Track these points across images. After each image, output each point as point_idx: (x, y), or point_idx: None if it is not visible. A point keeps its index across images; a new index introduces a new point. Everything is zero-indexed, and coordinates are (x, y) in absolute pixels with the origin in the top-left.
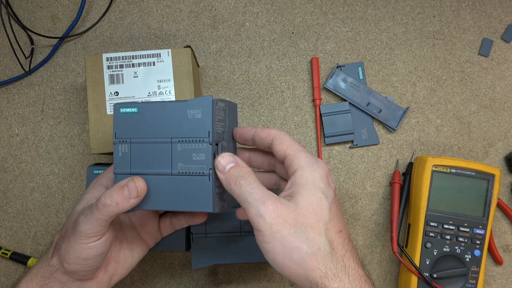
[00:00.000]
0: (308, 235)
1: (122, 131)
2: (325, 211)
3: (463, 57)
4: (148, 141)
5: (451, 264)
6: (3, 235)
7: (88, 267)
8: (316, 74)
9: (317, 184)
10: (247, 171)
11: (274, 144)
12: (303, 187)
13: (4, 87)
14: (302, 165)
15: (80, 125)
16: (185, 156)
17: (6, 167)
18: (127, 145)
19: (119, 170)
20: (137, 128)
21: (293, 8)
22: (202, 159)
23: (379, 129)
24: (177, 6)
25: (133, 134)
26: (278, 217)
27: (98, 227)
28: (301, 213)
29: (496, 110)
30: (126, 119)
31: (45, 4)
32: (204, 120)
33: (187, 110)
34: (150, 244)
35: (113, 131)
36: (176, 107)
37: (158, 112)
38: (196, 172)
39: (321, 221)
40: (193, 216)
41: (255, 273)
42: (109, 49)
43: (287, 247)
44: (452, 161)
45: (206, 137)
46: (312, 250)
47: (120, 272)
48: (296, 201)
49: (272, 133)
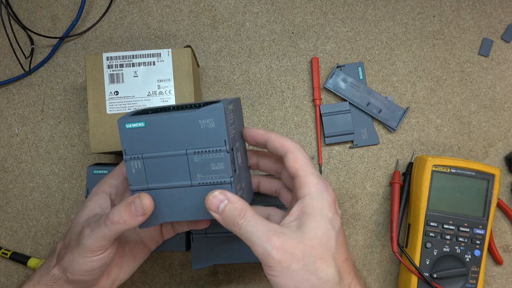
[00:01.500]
0: (318, 267)
1: (131, 147)
2: (332, 241)
3: (463, 57)
4: (162, 155)
5: (451, 264)
6: (3, 235)
7: (92, 276)
8: (316, 74)
9: (325, 213)
10: (242, 207)
11: (287, 158)
12: (310, 217)
13: (4, 87)
14: (312, 193)
15: (80, 125)
16: (203, 167)
17: (6, 167)
18: (139, 161)
19: (136, 187)
20: (147, 142)
21: (293, 8)
22: (221, 168)
23: (379, 129)
24: (177, 6)
25: (144, 149)
26: (286, 253)
27: (104, 242)
28: (309, 244)
29: (496, 110)
30: (133, 134)
31: (45, 4)
32: (218, 129)
33: (199, 120)
34: (151, 248)
35: (122, 147)
36: (186, 119)
37: (167, 125)
38: (216, 181)
39: (329, 251)
40: (196, 221)
41: (255, 273)
42: (109, 49)
43: (297, 281)
44: (452, 161)
45: (222, 146)
46: (322, 282)
47: (122, 276)
48: (303, 232)
49: (286, 146)
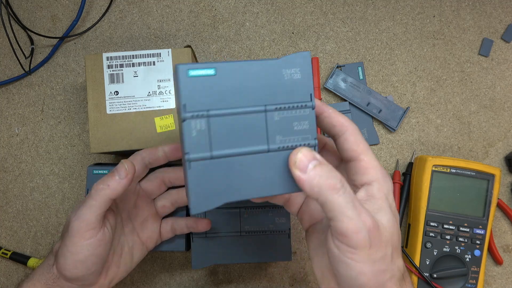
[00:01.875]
0: (393, 258)
1: (195, 101)
2: (399, 231)
3: (463, 57)
4: (234, 112)
5: (451, 264)
6: (3, 235)
7: (87, 270)
8: (316, 74)
9: (391, 203)
10: (336, 171)
11: (347, 140)
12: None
13: (4, 87)
14: (379, 179)
15: (80, 125)
16: (285, 127)
17: (6, 167)
18: (203, 120)
19: (194, 155)
20: (215, 95)
21: (293, 8)
22: (306, 127)
23: (379, 129)
24: (177, 6)
25: (211, 104)
26: (376, 238)
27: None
28: (390, 232)
29: (496, 110)
30: (198, 85)
31: (45, 4)
32: (304, 80)
33: (282, 70)
34: (149, 248)
35: (181, 102)
36: (267, 67)
37: (244, 74)
38: (300, 144)
39: (399, 242)
40: (196, 223)
41: (255, 273)
42: (109, 49)
43: (377, 269)
44: (452, 161)
45: (308, 100)
46: (394, 272)
47: (119, 275)
48: (383, 219)
49: (346, 126)
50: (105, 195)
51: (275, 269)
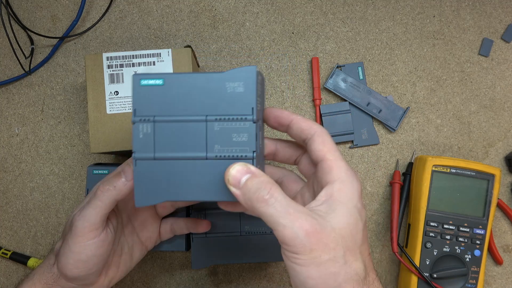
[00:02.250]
0: (347, 260)
1: (143, 107)
2: (360, 234)
3: (463, 57)
4: (177, 119)
5: (451, 264)
6: (3, 235)
7: (89, 270)
8: (316, 74)
9: (355, 202)
10: (269, 181)
11: (314, 141)
12: (341, 205)
13: (4, 87)
14: (343, 178)
15: (80, 125)
16: (224, 137)
17: (6, 167)
18: (149, 124)
19: (140, 155)
20: (162, 103)
21: (293, 8)
22: (244, 140)
23: (379, 129)
24: (177, 6)
25: (157, 110)
26: (319, 241)
27: (95, 219)
28: (340, 234)
29: (496, 110)
30: (148, 93)
31: (45, 4)
32: (247, 94)
33: (226, 83)
34: (149, 248)
35: (132, 107)
36: (212, 79)
37: (189, 85)
38: (237, 155)
39: (357, 244)
40: (196, 224)
41: (255, 273)
42: (109, 49)
43: (324, 273)
44: (452, 161)
45: (249, 114)
46: (349, 276)
47: (119, 275)
48: (333, 219)
49: (314, 129)
50: (111, 196)
51: (275, 269)
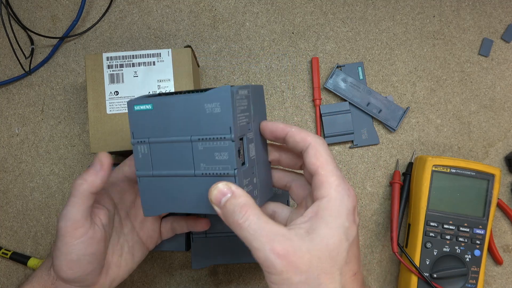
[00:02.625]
0: (321, 282)
1: (139, 130)
2: (343, 254)
3: (463, 57)
4: (167, 140)
5: (451, 264)
6: (3, 235)
7: (83, 270)
8: (316, 74)
9: (341, 222)
10: (245, 203)
11: (308, 154)
12: (324, 223)
13: (4, 87)
14: (331, 196)
15: (80, 125)
16: (207, 156)
17: (6, 167)
18: (146, 146)
19: (141, 172)
20: (154, 126)
21: (293, 8)
22: (225, 158)
23: (379, 129)
24: (177, 6)
25: (151, 133)
26: (289, 264)
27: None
28: (316, 255)
29: (496, 110)
30: (141, 117)
31: (45, 4)
32: (223, 114)
33: (205, 104)
34: (150, 248)
35: (130, 130)
36: (191, 102)
37: (174, 108)
38: (220, 173)
39: (337, 265)
40: (196, 222)
41: (255, 273)
42: (109, 49)
43: None
44: (452, 161)
45: (227, 133)
46: None
47: (121, 276)
48: (312, 239)
49: (308, 141)
50: (84, 190)
51: None
